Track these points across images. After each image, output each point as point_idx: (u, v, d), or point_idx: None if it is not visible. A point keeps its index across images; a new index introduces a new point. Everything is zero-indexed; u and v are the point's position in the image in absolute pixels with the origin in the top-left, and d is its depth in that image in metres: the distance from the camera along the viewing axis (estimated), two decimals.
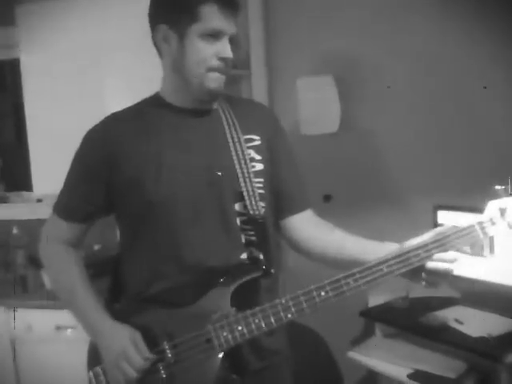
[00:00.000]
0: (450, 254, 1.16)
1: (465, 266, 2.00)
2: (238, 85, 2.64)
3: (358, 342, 2.26)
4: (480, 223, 1.15)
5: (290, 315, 1.17)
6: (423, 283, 1.20)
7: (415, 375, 1.86)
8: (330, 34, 2.42)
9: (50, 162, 2.43)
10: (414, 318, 2.01)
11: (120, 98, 1.38)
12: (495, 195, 1.15)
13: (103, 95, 2.33)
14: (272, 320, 1.17)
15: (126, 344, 1.22)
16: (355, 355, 2.08)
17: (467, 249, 1.19)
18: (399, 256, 1.16)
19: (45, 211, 1.43)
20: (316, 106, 2.49)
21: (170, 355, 1.22)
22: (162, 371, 1.22)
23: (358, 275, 1.15)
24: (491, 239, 1.66)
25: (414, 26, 2.21)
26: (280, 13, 2.62)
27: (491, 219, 1.14)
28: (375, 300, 2.21)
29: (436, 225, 2.02)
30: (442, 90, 2.18)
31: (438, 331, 1.91)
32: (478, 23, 2.05)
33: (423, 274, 1.19)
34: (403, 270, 1.17)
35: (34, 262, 2.55)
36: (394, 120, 2.33)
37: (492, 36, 2.02)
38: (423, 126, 2.25)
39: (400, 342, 2.08)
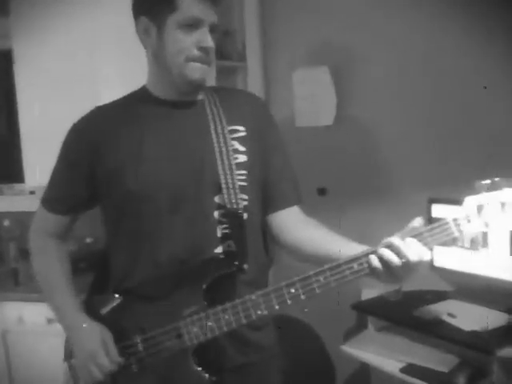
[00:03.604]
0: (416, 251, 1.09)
1: (457, 259, 2.01)
2: (233, 76, 2.63)
3: (350, 335, 2.27)
4: (455, 220, 1.07)
5: (259, 312, 1.15)
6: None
7: (408, 369, 1.86)
8: (326, 25, 2.41)
9: (43, 154, 2.40)
10: (406, 311, 2.01)
11: (113, 89, 1.37)
12: (473, 190, 1.07)
13: (96, 86, 2.31)
14: (242, 316, 1.16)
15: (95, 346, 1.23)
16: (348, 349, 2.08)
17: (467, 243, 1.12)
18: (371, 253, 1.12)
19: (37, 203, 1.42)
20: (311, 98, 2.48)
21: (141, 349, 1.22)
22: (134, 365, 1.23)
23: (328, 273, 1.12)
24: (484, 233, 1.65)
25: (412, 18, 2.19)
26: (275, 4, 2.61)
27: (467, 216, 1.06)
28: (368, 293, 2.21)
29: (430, 218, 2.02)
30: (438, 84, 2.17)
31: (431, 325, 1.91)
32: (478, 20, 2.04)
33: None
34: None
35: (26, 255, 2.53)
36: (390, 113, 2.32)
37: (492, 36, 2.01)
38: (419, 119, 2.24)
39: (393, 335, 2.08)
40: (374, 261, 1.10)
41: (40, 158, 2.42)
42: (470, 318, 1.89)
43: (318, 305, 1.17)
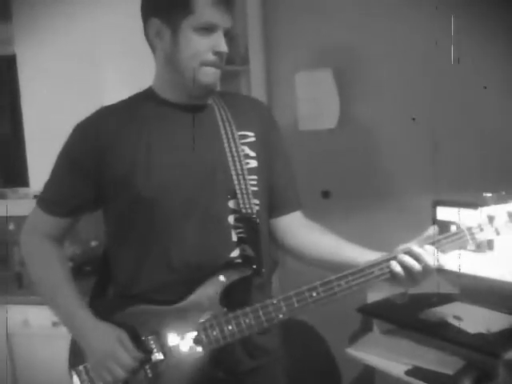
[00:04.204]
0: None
1: (463, 262, 2.00)
2: (236, 80, 2.63)
3: (355, 338, 2.26)
4: (469, 229, 1.18)
5: (281, 315, 1.16)
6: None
7: (413, 371, 1.86)
8: (329, 27, 2.41)
9: (47, 158, 2.41)
10: (412, 314, 2.01)
11: (117, 93, 1.37)
12: (484, 202, 1.20)
13: (100, 90, 2.31)
14: (263, 320, 1.16)
15: (113, 344, 1.20)
16: (353, 352, 2.08)
17: (472, 246, 1.21)
18: (390, 259, 1.16)
19: None
20: (314, 101, 2.48)
21: (157, 354, 1.20)
22: (149, 370, 1.21)
23: (350, 277, 1.15)
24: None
25: (415, 21, 2.19)
26: (278, 7, 2.61)
27: (480, 225, 1.18)
28: (374, 296, 2.20)
29: (435, 221, 2.01)
30: (442, 87, 2.17)
31: (437, 327, 1.91)
32: (478, 22, 2.05)
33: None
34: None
35: None
36: (393, 116, 2.32)
37: (492, 36, 2.01)
38: (422, 122, 2.24)
39: (398, 338, 2.08)
40: (396, 267, 1.15)
41: (45, 162, 2.42)
42: (475, 320, 1.89)
43: (324, 307, 1.17)
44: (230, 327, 1.17)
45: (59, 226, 1.34)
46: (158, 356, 1.20)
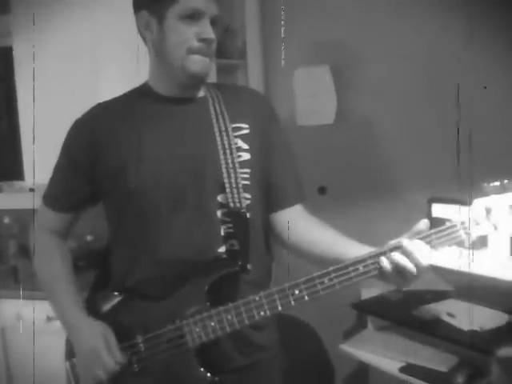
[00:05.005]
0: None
1: (457, 259, 2.00)
2: (233, 75, 2.63)
3: (350, 334, 2.26)
4: (463, 223, 1.08)
5: (262, 313, 1.14)
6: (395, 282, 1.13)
7: (407, 368, 1.86)
8: (327, 23, 2.40)
9: (43, 152, 2.41)
10: (406, 311, 2.01)
11: (114, 88, 1.37)
12: (482, 192, 1.06)
13: (96, 85, 2.30)
14: (244, 317, 1.15)
15: (98, 346, 1.21)
16: (347, 348, 2.08)
17: (467, 243, 1.09)
18: (377, 256, 1.11)
19: (37, 201, 1.42)
20: (312, 96, 2.48)
21: (143, 349, 1.21)
22: (135, 365, 1.22)
23: (333, 274, 1.10)
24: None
25: (414, 17, 2.19)
26: (276, 2, 2.60)
27: (475, 219, 1.07)
28: (368, 292, 2.21)
29: (430, 218, 2.01)
30: (439, 83, 2.17)
31: (430, 324, 1.91)
32: (478, 22, 2.04)
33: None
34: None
35: (26, 252, 2.54)
36: (391, 112, 2.32)
37: (492, 36, 2.01)
38: (420, 119, 2.24)
39: (392, 335, 2.08)
40: (385, 263, 1.09)
41: (40, 156, 2.42)
42: (469, 317, 1.89)
43: (318, 304, 1.16)
44: (212, 323, 1.16)
45: (62, 221, 1.37)
46: (145, 351, 1.21)
